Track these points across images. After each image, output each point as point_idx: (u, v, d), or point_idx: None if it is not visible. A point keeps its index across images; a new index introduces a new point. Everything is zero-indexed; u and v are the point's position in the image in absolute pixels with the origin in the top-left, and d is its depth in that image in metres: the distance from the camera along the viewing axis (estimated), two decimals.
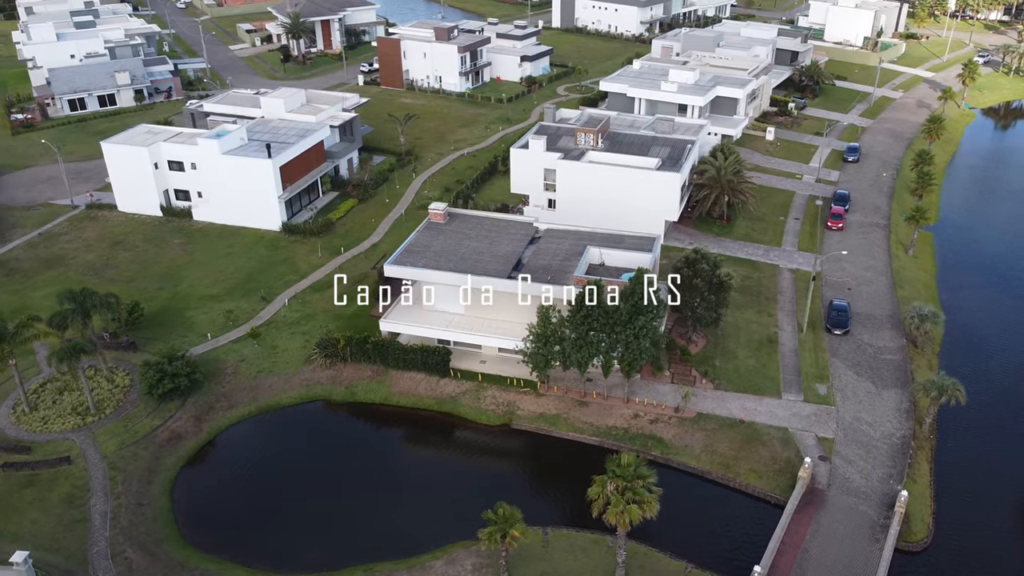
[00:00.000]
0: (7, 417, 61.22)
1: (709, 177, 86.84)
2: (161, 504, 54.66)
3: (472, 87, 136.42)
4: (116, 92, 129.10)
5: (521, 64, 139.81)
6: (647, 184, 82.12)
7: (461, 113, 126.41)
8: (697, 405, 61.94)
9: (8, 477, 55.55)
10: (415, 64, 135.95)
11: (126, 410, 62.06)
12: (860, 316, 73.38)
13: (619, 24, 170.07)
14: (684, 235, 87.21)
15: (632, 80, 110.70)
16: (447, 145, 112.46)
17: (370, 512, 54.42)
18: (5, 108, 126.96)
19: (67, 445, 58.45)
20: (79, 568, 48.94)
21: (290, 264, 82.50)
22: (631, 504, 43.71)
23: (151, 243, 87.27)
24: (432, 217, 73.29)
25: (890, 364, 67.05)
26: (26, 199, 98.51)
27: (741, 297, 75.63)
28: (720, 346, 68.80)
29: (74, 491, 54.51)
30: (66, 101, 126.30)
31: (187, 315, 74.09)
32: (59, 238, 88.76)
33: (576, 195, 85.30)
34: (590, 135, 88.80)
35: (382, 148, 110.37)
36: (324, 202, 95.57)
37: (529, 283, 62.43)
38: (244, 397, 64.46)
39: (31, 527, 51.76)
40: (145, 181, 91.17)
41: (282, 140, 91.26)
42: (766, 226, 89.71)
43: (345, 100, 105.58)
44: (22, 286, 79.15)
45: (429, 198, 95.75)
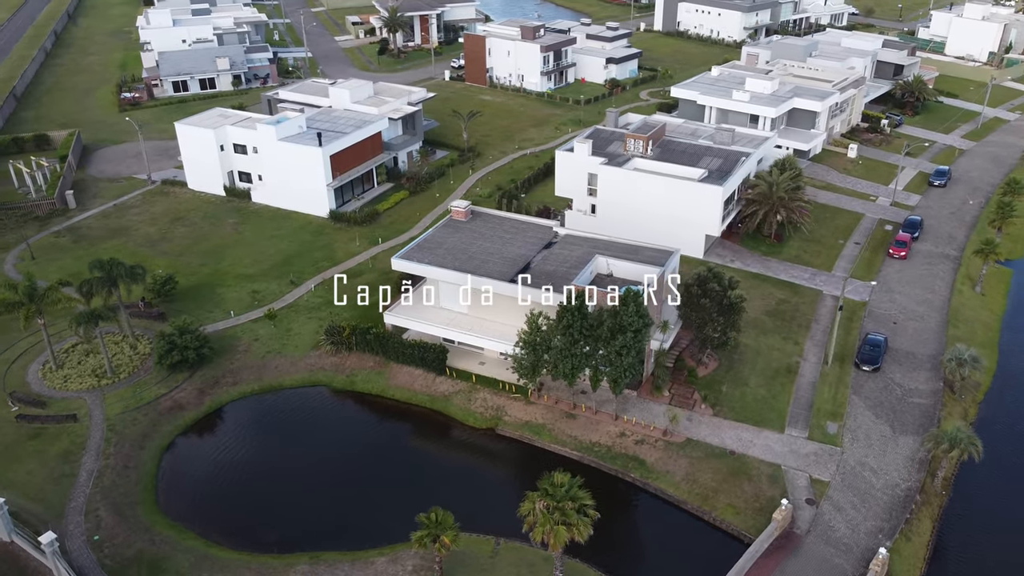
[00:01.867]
0: (36, 372, 65.90)
1: (759, 192, 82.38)
2: (146, 469, 57.28)
3: (554, 87, 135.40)
4: (216, 76, 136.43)
5: (607, 66, 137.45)
6: (688, 195, 78.86)
7: (536, 113, 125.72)
8: (689, 430, 58.94)
9: (20, 427, 59.79)
10: (499, 62, 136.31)
11: (139, 377, 65.49)
12: (898, 353, 67.64)
13: (721, 29, 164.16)
14: (728, 251, 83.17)
15: (704, 87, 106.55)
16: (513, 144, 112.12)
17: (335, 501, 54.96)
18: (117, 87, 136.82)
19: (78, 404, 62.30)
20: (54, 520, 51.98)
21: (327, 251, 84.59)
22: (559, 525, 42.04)
23: (208, 221, 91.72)
24: (454, 215, 73.22)
25: (917, 408, 61.44)
26: (113, 172, 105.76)
27: (770, 321, 71.44)
28: (732, 371, 65.18)
29: (72, 447, 58.02)
30: (171, 83, 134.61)
31: (219, 292, 77.34)
32: (129, 210, 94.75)
33: (617, 202, 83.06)
34: (639, 141, 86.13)
35: (446, 143, 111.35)
36: (377, 192, 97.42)
37: (522, 287, 61.32)
38: (250, 375, 66.62)
39: (25, 476, 55.48)
40: (211, 162, 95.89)
41: (339, 130, 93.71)
42: (820, 248, 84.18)
43: (411, 94, 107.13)
44: (84, 252, 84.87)
45: (480, 196, 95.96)
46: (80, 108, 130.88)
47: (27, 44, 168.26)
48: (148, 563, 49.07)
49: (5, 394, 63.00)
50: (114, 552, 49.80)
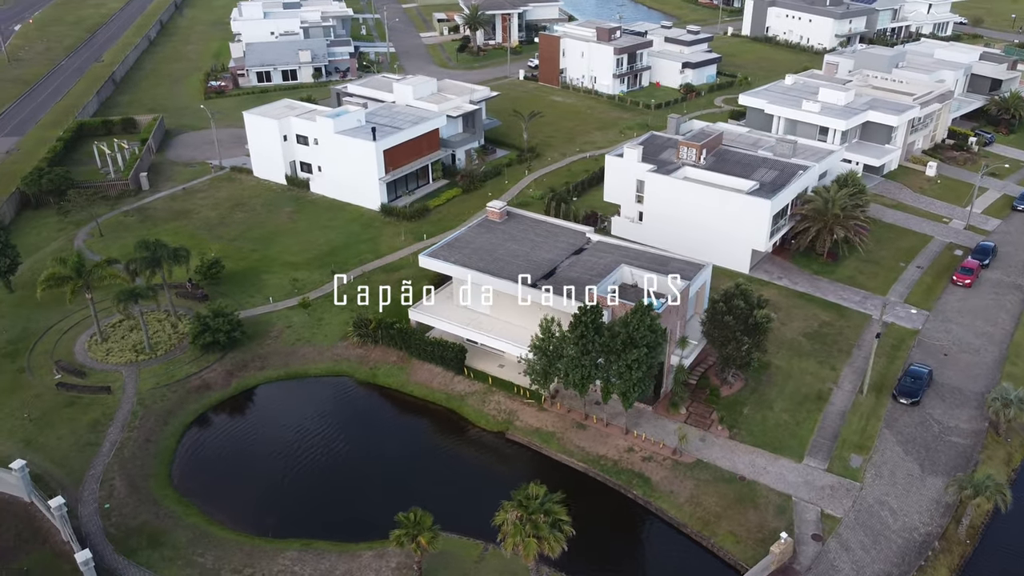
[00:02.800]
0: (83, 344, 69.62)
1: (813, 208, 78.70)
2: (166, 444, 59.60)
3: (626, 90, 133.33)
4: (298, 68, 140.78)
5: (682, 71, 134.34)
6: (736, 208, 76.17)
7: (604, 115, 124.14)
8: (701, 451, 56.91)
9: (58, 395, 63.30)
10: (572, 63, 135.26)
11: (175, 355, 68.24)
12: (944, 388, 63.36)
13: (811, 36, 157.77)
14: (777, 268, 79.87)
15: (773, 96, 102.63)
16: (574, 146, 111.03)
17: (337, 491, 55.73)
18: (206, 76, 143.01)
19: (114, 377, 65.44)
20: (72, 485, 54.80)
21: (372, 243, 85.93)
22: (530, 538, 41.32)
23: (266, 208, 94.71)
24: (489, 215, 73.08)
25: (953, 449, 57.38)
26: (189, 157, 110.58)
27: (808, 344, 68.21)
28: (758, 392, 62.56)
29: (101, 418, 60.98)
30: (255, 73, 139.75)
31: (263, 277, 79.72)
32: (196, 194, 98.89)
33: (663, 211, 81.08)
34: (692, 149, 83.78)
35: (507, 142, 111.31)
36: (431, 189, 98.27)
37: (534, 291, 60.69)
38: (277, 361, 68.40)
39: (55, 441, 58.69)
40: (274, 151, 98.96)
41: (396, 125, 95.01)
42: (878, 271, 79.73)
43: (473, 92, 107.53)
44: (148, 232, 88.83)
45: (531, 197, 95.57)
46: (170, 94, 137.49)
47: (134, 32, 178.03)
48: (149, 535, 51.05)
49: (52, 362, 66.89)
50: (120, 521, 52.05)
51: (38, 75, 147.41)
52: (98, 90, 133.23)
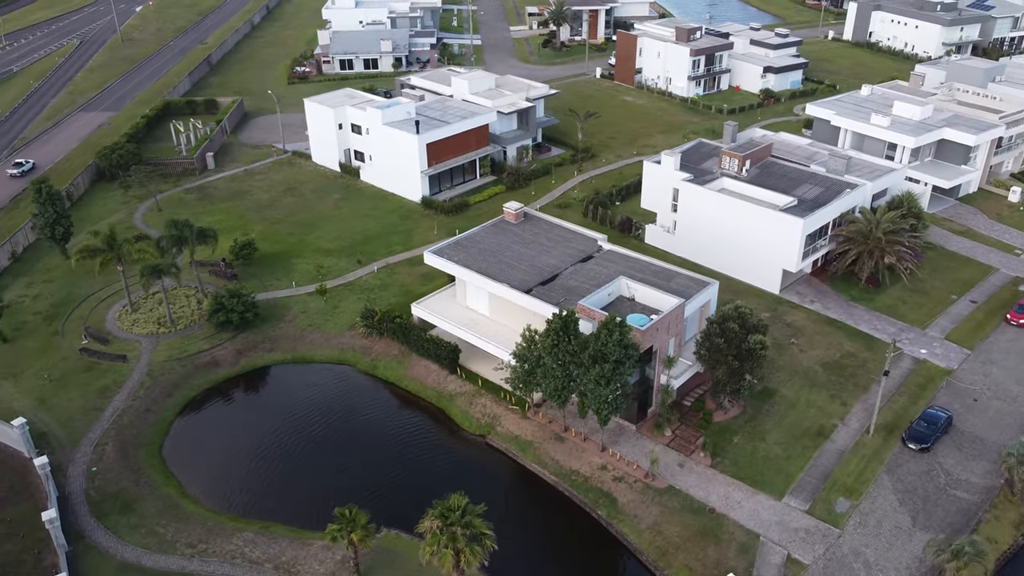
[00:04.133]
0: (114, 313, 73.82)
1: (855, 231, 73.70)
2: (165, 416, 62.44)
3: (702, 93, 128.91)
4: (379, 57, 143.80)
5: (764, 75, 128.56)
6: (767, 224, 72.39)
7: (673, 118, 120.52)
8: (676, 477, 54.57)
9: (80, 359, 67.43)
10: (649, 63, 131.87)
11: (192, 330, 71.30)
12: (964, 436, 58.17)
13: (917, 43, 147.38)
14: (811, 291, 75.41)
15: (842, 107, 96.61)
16: (632, 149, 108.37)
17: (311, 477, 56.87)
18: (292, 61, 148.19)
19: (133, 347, 69.07)
20: (69, 446, 58.28)
21: (406, 235, 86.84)
22: (446, 549, 40.82)
23: (315, 194, 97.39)
24: (505, 215, 72.41)
25: (955, 504, 52.59)
26: (258, 139, 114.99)
27: (824, 375, 64.14)
28: (754, 421, 59.37)
29: (111, 385, 64.53)
30: (338, 60, 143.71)
31: (293, 262, 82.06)
32: (255, 176, 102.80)
33: (696, 222, 78.10)
34: (735, 160, 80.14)
35: (565, 141, 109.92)
36: (476, 184, 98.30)
37: (525, 297, 59.68)
38: (286, 344, 70.34)
39: (65, 402, 62.56)
40: (330, 138, 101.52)
41: (445, 119, 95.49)
42: (924, 301, 73.92)
43: (531, 89, 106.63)
44: (202, 210, 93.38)
45: (574, 199, 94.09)
46: (258, 78, 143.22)
47: (240, 16, 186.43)
48: (124, 501, 53.67)
49: (82, 327, 71.27)
50: (101, 485, 54.97)
51: (145, 54, 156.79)
52: (191, 71, 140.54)
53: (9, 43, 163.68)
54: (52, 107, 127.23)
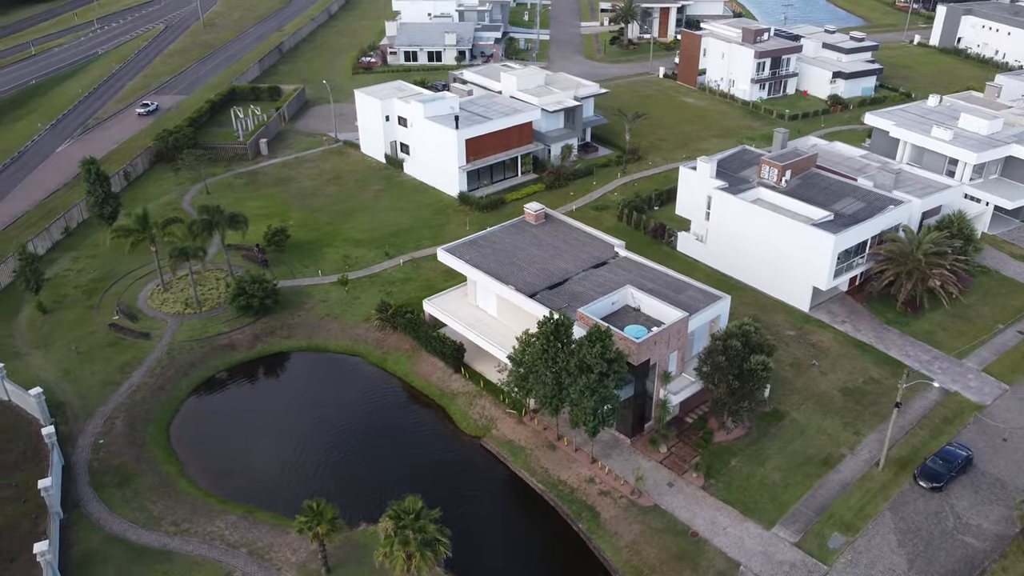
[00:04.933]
0: (148, 291, 76.60)
1: (893, 250, 69.70)
2: (177, 395, 64.44)
3: (766, 97, 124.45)
4: (443, 50, 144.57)
5: (833, 80, 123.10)
6: (798, 239, 69.30)
7: (732, 122, 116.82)
8: (663, 497, 52.85)
9: (109, 334, 70.28)
10: (712, 63, 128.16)
11: (216, 313, 73.32)
12: (984, 477, 54.28)
13: (1009, 51, 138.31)
14: (844, 310, 71.81)
15: (904, 118, 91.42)
16: (683, 152, 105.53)
17: (306, 466, 57.68)
18: (359, 52, 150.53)
19: (159, 325, 71.53)
20: (82, 417, 60.78)
21: (437, 230, 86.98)
22: (397, 552, 40.64)
23: (358, 184, 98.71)
24: (526, 216, 71.56)
25: (961, 550, 49.08)
26: (314, 127, 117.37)
27: (841, 400, 61.02)
28: (757, 444, 56.93)
29: (131, 361, 66.99)
30: (403, 52, 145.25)
31: (324, 250, 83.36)
32: (303, 164, 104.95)
33: (728, 232, 75.52)
34: (774, 170, 76.98)
35: (611, 142, 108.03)
36: (517, 181, 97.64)
37: (528, 301, 58.83)
38: (303, 332, 71.54)
39: (88, 375, 65.32)
40: (377, 130, 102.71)
41: (488, 115, 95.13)
42: (966, 329, 69.35)
43: (580, 87, 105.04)
44: (247, 195, 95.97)
45: (613, 201, 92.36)
46: (325, 67, 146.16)
47: (319, 6, 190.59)
48: (121, 474, 55.64)
49: (116, 303, 74.26)
50: (105, 457, 57.13)
51: (223, 41, 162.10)
52: (261, 58, 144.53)
53: (100, 26, 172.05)
54: (127, 89, 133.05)
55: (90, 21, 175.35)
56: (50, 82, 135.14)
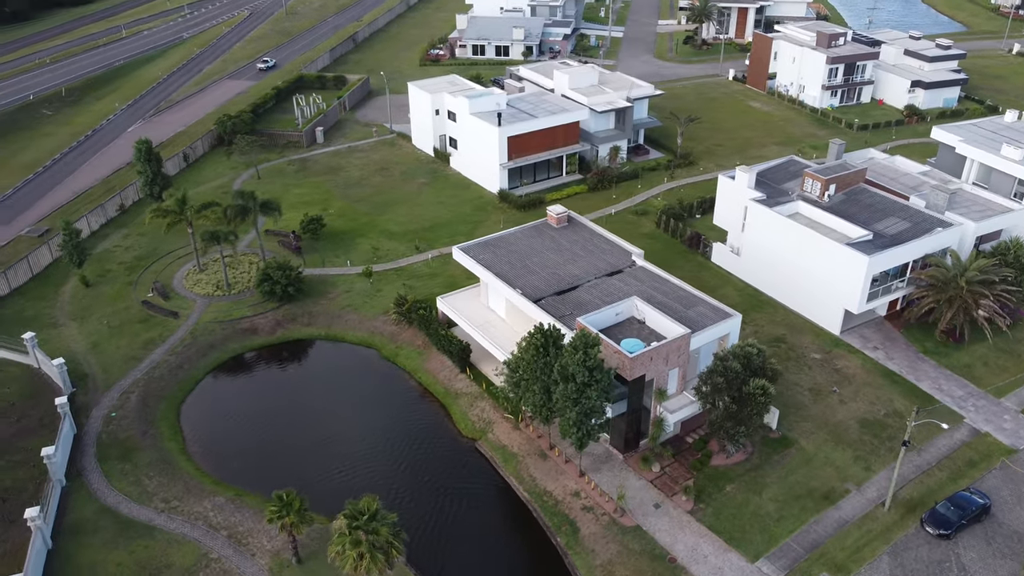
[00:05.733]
0: (184, 272, 79.21)
1: (934, 276, 65.30)
2: (194, 374, 66.30)
3: (837, 104, 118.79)
4: (510, 45, 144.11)
5: (911, 90, 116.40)
6: (831, 258, 65.82)
7: (796, 130, 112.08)
8: (647, 517, 51.12)
9: (141, 310, 73.05)
10: (783, 67, 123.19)
11: (243, 296, 75.21)
12: (1001, 528, 50.25)
13: None
14: (878, 336, 67.86)
15: (974, 134, 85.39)
16: (739, 159, 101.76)
17: (300, 451, 58.44)
18: (429, 44, 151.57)
19: (188, 305, 73.87)
20: (101, 389, 63.36)
21: (473, 226, 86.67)
22: (348, 552, 40.63)
23: (403, 176, 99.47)
24: (548, 219, 70.42)
25: None
26: (372, 118, 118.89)
27: (857, 431, 57.71)
28: (757, 471, 54.38)
29: (156, 338, 69.41)
30: (471, 45, 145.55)
31: (357, 241, 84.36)
32: (355, 153, 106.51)
33: (762, 246, 72.54)
34: (817, 183, 73.35)
35: (664, 145, 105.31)
36: (560, 181, 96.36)
37: (531, 306, 57.84)
38: (322, 321, 72.57)
39: (114, 349, 68.06)
40: (427, 123, 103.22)
41: (536, 113, 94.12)
42: (1009, 365, 64.39)
43: (633, 88, 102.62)
44: (295, 181, 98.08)
45: (655, 207, 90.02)
46: (394, 58, 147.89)
47: None
48: (125, 447, 57.72)
49: (152, 281, 77.13)
50: (114, 430, 59.40)
51: (301, 28, 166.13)
52: (333, 47, 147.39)
53: (190, 11, 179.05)
54: (204, 73, 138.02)
55: (180, 7, 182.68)
56: (134, 64, 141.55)
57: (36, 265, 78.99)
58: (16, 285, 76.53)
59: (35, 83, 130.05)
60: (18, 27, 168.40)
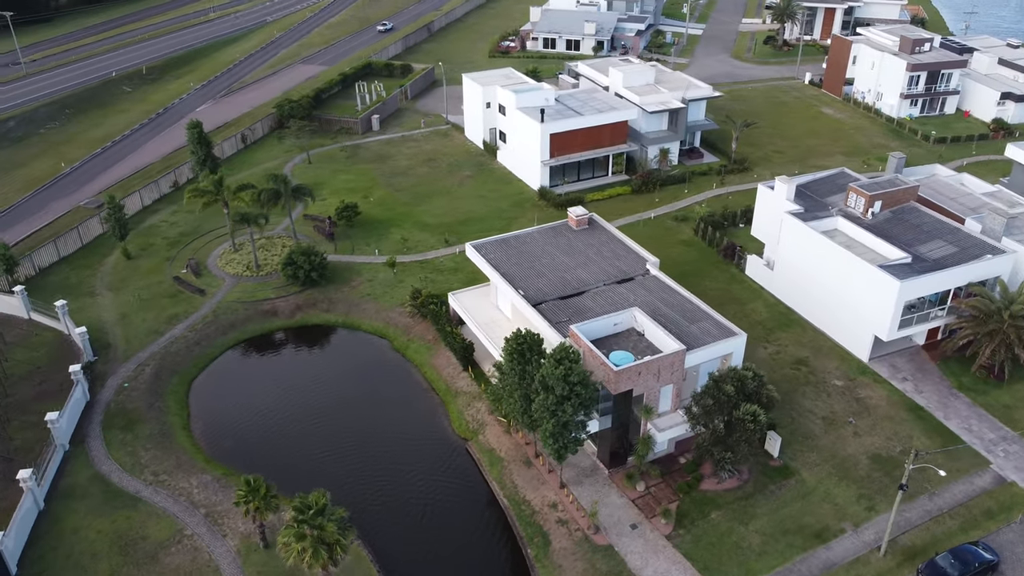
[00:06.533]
0: (219, 252, 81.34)
1: (975, 307, 60.28)
2: (210, 352, 67.99)
3: (916, 114, 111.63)
4: (581, 39, 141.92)
5: (1001, 102, 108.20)
6: (862, 280, 61.77)
7: (866, 140, 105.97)
8: (621, 538, 49.21)
9: (171, 286, 75.46)
10: (861, 73, 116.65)
11: (270, 279, 76.64)
12: None
13: None
14: (910, 366, 63.32)
15: None
16: (797, 167, 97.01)
17: (294, 437, 59.13)
18: (500, 36, 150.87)
19: (216, 284, 75.83)
20: (120, 360, 65.77)
21: (507, 222, 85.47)
22: (292, 544, 40.63)
23: (450, 168, 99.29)
24: (569, 220, 68.72)
25: None
26: (432, 108, 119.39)
27: (866, 467, 54.03)
28: (748, 500, 51.54)
29: (180, 315, 71.48)
30: (541, 38, 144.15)
31: (390, 230, 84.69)
32: (406, 142, 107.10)
33: (795, 262, 68.90)
34: (861, 199, 69.00)
35: (721, 149, 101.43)
36: (603, 182, 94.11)
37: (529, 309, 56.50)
38: (341, 308, 73.21)
39: (140, 322, 70.48)
40: (478, 116, 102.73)
41: (584, 111, 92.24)
42: None
43: (689, 88, 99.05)
44: (343, 168, 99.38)
45: (696, 213, 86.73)
46: (466, 48, 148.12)
47: None
48: (129, 419, 59.66)
49: (187, 258, 79.59)
50: (123, 400, 61.51)
51: (379, 16, 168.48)
52: (407, 35, 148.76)
53: None
54: (279, 56, 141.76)
55: None
56: (215, 45, 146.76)
57: (86, 235, 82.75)
58: (65, 253, 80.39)
59: (119, 61, 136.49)
60: (113, 7, 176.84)
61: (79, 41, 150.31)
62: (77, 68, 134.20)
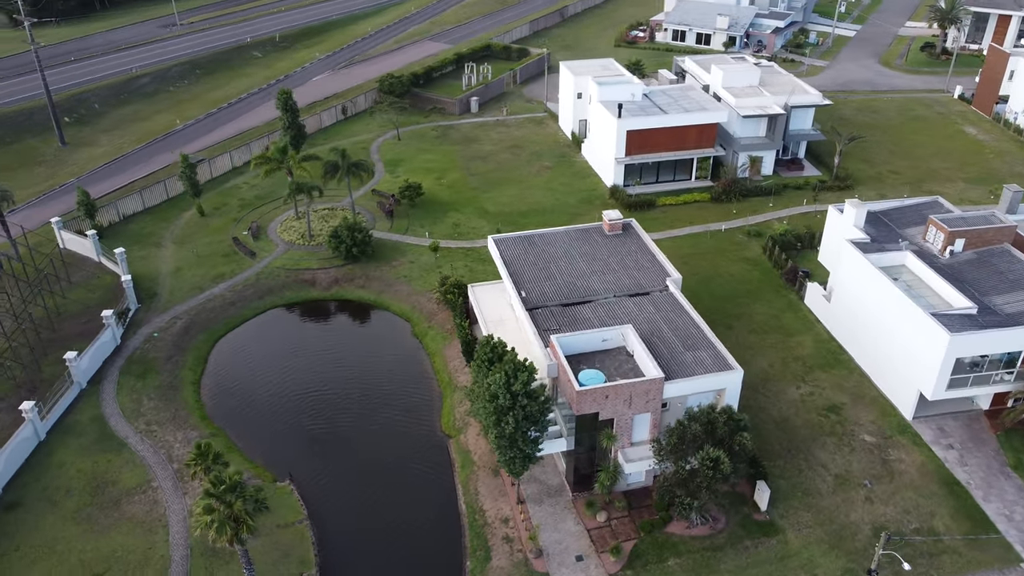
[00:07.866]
0: (284, 217, 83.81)
1: None
2: (243, 315, 70.07)
3: None
4: (712, 33, 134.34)
5: None
6: (911, 328, 54.09)
7: (1002, 166, 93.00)
8: (561, 568, 45.95)
9: (229, 246, 78.56)
10: (1018, 90, 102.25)
11: (318, 250, 78.07)
12: None
13: None
14: (962, 432, 54.89)
15: None
16: (906, 191, 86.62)
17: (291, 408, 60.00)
18: (630, 25, 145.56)
19: (269, 248, 78.23)
20: (159, 311, 69.08)
21: (568, 217, 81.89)
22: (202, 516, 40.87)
23: (531, 156, 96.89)
24: (603, 223, 64.85)
25: None
26: (537, 94, 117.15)
27: (867, 540, 47.37)
28: (719, 552, 46.55)
29: (227, 274, 74.21)
30: (671, 30, 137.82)
31: (449, 214, 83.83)
32: (498, 127, 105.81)
33: (850, 296, 61.71)
34: (940, 234, 60.47)
35: (825, 162, 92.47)
36: (681, 186, 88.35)
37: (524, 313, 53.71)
38: (376, 286, 73.44)
39: (188, 276, 73.61)
40: (569, 105, 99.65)
41: (673, 109, 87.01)
42: None
43: (794, 93, 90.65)
44: (429, 147, 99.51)
45: (775, 230, 79.54)
46: (595, 35, 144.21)
47: None
48: (145, 368, 62.64)
49: (250, 221, 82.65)
50: (148, 349, 64.73)
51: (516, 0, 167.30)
52: (535, 19, 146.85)
53: None
54: (408, 32, 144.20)
55: None
56: (350, 18, 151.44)
57: (172, 190, 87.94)
58: (149, 205, 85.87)
59: (261, 27, 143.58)
60: None
61: (234, 7, 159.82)
62: (223, 31, 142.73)
